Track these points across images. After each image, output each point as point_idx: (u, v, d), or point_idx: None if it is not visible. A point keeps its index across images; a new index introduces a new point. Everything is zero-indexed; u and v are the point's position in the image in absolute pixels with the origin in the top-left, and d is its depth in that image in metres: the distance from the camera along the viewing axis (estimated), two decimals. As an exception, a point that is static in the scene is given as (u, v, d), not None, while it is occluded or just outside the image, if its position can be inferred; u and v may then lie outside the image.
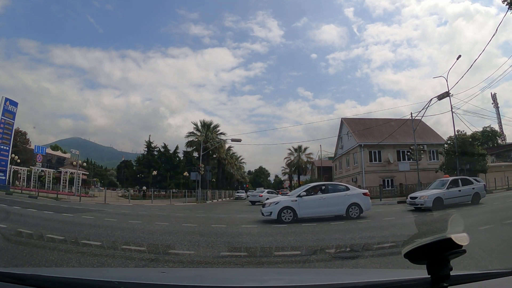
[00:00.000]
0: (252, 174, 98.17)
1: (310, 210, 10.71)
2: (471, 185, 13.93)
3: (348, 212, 10.79)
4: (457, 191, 13.50)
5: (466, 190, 13.61)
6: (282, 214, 10.40)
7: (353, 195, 11.18)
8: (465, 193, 13.53)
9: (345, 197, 10.97)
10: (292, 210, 10.46)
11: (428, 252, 1.05)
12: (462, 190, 13.56)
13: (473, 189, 13.75)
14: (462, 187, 13.66)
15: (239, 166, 63.50)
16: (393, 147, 31.26)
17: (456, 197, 13.36)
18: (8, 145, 29.81)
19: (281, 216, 10.36)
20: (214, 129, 39.59)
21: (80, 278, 1.42)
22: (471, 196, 13.52)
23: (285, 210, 10.46)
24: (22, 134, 46.78)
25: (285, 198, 11.60)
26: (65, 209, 14.26)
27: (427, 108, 25.13)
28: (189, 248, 5.96)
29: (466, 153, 24.34)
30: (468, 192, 13.60)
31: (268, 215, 10.60)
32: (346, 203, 10.85)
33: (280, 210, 10.43)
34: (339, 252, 5.58)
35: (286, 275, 2.26)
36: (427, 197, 13.04)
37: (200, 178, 29.91)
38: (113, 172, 69.30)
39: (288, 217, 10.36)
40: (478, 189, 13.95)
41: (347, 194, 11.09)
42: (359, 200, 11.09)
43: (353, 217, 10.69)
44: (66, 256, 4.97)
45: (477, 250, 4.82)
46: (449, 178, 14.64)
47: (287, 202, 10.73)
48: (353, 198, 11.02)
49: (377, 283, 1.31)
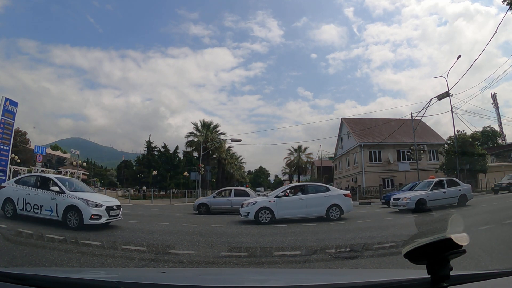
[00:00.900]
0: (252, 174, 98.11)
1: (288, 211, 10.62)
2: (458, 187, 13.65)
3: (328, 214, 10.60)
4: (442, 192, 13.20)
5: (451, 191, 13.29)
6: (260, 214, 10.33)
7: (334, 196, 11.01)
8: (450, 195, 13.21)
9: (325, 198, 10.82)
10: (270, 210, 10.41)
11: (428, 252, 1.05)
12: (447, 191, 13.24)
13: (459, 191, 13.41)
14: (447, 188, 13.34)
15: (239, 166, 63.45)
16: (393, 147, 31.28)
17: (441, 198, 13.08)
18: (8, 145, 29.53)
19: (259, 216, 10.30)
20: (214, 129, 39.64)
21: (80, 278, 1.42)
22: (457, 198, 13.19)
23: (263, 211, 10.40)
24: (22, 134, 46.77)
25: (263, 198, 11.59)
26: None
27: (427, 108, 25.24)
28: (189, 248, 5.96)
29: (466, 153, 24.35)
30: (454, 194, 13.29)
31: (245, 216, 10.54)
32: (326, 204, 10.69)
33: (257, 210, 10.38)
34: (339, 252, 5.59)
35: (286, 275, 2.26)
36: (410, 198, 12.77)
37: (200, 178, 29.93)
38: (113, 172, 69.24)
39: (266, 218, 10.32)
40: (465, 191, 13.61)
41: (327, 195, 10.92)
42: (340, 201, 10.91)
43: (333, 218, 10.49)
44: (66, 256, 4.97)
45: (477, 250, 4.82)
46: (434, 180, 14.27)
47: (265, 202, 10.68)
48: (334, 199, 10.84)
49: (377, 283, 1.31)
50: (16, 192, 8.54)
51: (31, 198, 8.31)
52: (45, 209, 8.10)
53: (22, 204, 8.37)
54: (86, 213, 7.76)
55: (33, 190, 8.46)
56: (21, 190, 8.55)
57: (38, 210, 8.15)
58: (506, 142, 46.27)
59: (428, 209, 12.44)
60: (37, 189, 8.45)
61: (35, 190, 8.43)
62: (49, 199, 8.10)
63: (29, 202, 8.29)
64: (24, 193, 8.44)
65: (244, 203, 11.34)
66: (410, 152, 26.49)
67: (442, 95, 23.77)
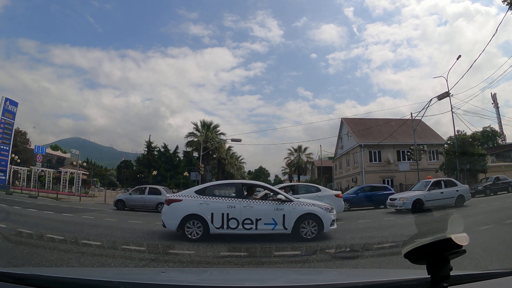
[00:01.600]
0: (252, 174, 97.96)
1: None
2: (455, 187, 13.65)
3: None
4: (439, 193, 13.17)
5: (449, 192, 13.29)
6: None
7: (325, 196, 10.87)
8: (448, 195, 13.20)
9: (316, 199, 10.46)
10: None
11: (428, 252, 1.05)
12: (444, 192, 13.24)
13: (457, 191, 13.40)
14: (445, 189, 13.34)
15: (239, 166, 63.37)
16: (393, 147, 31.27)
17: (438, 199, 13.06)
18: (8, 145, 29.83)
19: None
20: (214, 129, 39.62)
21: (80, 278, 1.42)
22: (454, 199, 13.17)
23: None
24: (22, 134, 46.75)
25: None
26: (65, 209, 14.25)
27: (427, 108, 25.19)
28: (189, 248, 5.96)
29: (466, 153, 24.33)
30: (451, 194, 13.27)
31: None
32: None
33: None
34: (339, 252, 5.59)
35: (286, 275, 2.26)
36: (406, 199, 12.78)
37: (200, 178, 29.93)
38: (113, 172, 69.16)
39: None
40: (463, 191, 13.61)
41: (318, 195, 10.81)
42: (331, 202, 10.55)
43: None
44: (66, 256, 4.97)
45: (477, 250, 4.82)
46: (431, 180, 14.26)
47: None
48: (325, 200, 10.48)
49: (377, 283, 1.31)
50: (208, 206, 6.77)
51: (237, 212, 6.72)
52: (264, 223, 6.70)
53: (221, 220, 6.66)
54: (327, 220, 6.74)
55: (240, 202, 6.84)
56: (217, 203, 6.83)
57: (252, 225, 6.65)
58: (506, 142, 46.28)
59: (426, 209, 12.46)
60: (245, 200, 6.92)
61: (243, 202, 6.86)
62: (272, 210, 6.79)
63: (234, 217, 6.69)
64: (225, 206, 6.77)
65: None
66: (410, 152, 26.47)
67: (442, 95, 23.75)
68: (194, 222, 6.63)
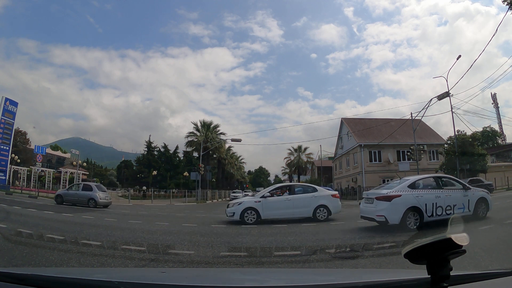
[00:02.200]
0: (252, 174, 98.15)
1: (274, 212, 10.55)
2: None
3: (315, 214, 10.47)
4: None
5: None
6: (245, 215, 10.27)
7: (321, 196, 10.89)
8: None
9: (312, 199, 10.72)
10: (256, 211, 10.35)
11: (428, 252, 1.05)
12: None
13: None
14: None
15: (239, 166, 63.50)
16: (393, 147, 31.29)
17: None
18: (8, 145, 29.80)
19: (244, 217, 10.24)
20: (214, 129, 39.66)
21: (80, 278, 1.41)
22: None
23: (248, 211, 10.33)
24: (22, 134, 46.76)
25: (249, 199, 11.56)
26: (65, 209, 14.26)
27: (427, 108, 25.15)
28: (189, 248, 5.96)
29: (466, 153, 24.35)
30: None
31: (231, 216, 10.47)
32: (313, 204, 10.57)
33: (243, 210, 10.32)
34: (339, 252, 5.58)
35: (286, 275, 2.26)
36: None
37: (200, 178, 29.93)
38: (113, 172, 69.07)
39: (251, 218, 10.27)
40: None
41: (314, 195, 10.82)
42: (327, 202, 10.80)
43: (320, 219, 10.36)
44: (66, 256, 4.97)
45: (477, 250, 4.81)
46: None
47: (250, 203, 10.63)
48: (321, 200, 10.73)
49: (377, 283, 1.31)
50: (422, 198, 7.84)
51: (442, 201, 7.95)
52: (457, 208, 8.07)
53: (432, 209, 7.79)
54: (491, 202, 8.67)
55: (441, 192, 8.10)
56: (428, 194, 7.96)
57: (451, 210, 7.97)
58: (506, 142, 46.32)
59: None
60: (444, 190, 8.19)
61: (443, 191, 8.12)
62: (461, 197, 8.27)
63: (441, 206, 7.90)
64: (433, 197, 7.94)
65: (230, 203, 11.29)
66: (410, 152, 26.47)
67: (442, 95, 23.73)
68: (414, 214, 7.62)
